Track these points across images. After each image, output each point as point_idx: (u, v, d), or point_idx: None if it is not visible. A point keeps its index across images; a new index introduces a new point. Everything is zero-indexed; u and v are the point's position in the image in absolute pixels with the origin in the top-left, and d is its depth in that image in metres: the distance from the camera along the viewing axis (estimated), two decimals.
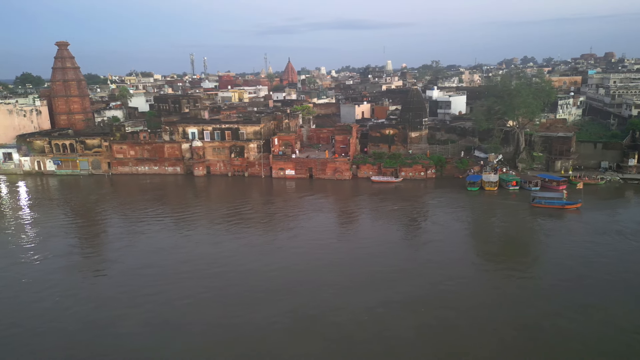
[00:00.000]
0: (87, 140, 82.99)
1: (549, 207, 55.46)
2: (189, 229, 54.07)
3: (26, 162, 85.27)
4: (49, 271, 43.37)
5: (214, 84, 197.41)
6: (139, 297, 37.45)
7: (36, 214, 62.68)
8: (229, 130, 78.62)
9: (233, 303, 36.05)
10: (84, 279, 42.21)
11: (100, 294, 38.69)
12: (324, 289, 37.86)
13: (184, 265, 43.38)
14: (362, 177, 73.66)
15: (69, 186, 77.66)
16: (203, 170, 79.70)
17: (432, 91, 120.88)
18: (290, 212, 60.38)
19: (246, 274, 41.24)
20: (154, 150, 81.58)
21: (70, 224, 58.42)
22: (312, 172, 74.60)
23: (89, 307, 36.21)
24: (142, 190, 74.32)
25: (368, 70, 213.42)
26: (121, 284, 40.05)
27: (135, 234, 53.18)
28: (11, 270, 43.87)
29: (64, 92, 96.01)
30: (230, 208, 62.38)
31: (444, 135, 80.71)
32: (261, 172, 78.03)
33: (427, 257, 44.40)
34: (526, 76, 76.85)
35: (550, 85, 73.78)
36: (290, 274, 40.85)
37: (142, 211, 61.79)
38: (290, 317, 33.87)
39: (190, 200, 68.84)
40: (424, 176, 71.15)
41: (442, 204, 60.38)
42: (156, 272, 42.33)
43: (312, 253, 45.58)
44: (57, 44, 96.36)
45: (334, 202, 64.85)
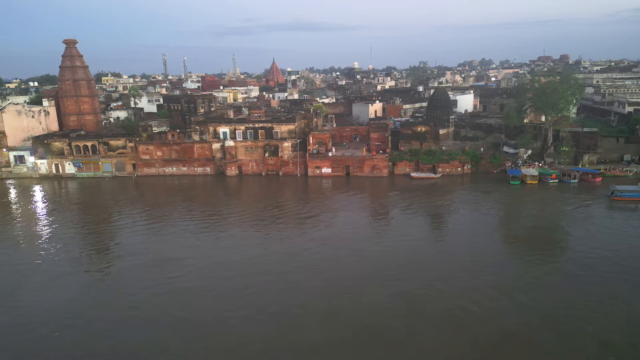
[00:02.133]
0: (110, 142, 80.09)
1: (629, 200, 56.44)
2: (242, 230, 53.34)
3: (43, 165, 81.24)
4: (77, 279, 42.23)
5: (197, 85, 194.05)
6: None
7: (68, 218, 60.26)
8: (262, 130, 78.11)
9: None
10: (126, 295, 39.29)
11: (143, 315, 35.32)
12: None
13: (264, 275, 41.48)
14: (399, 174, 75.13)
15: (94, 189, 74.86)
16: (235, 170, 78.76)
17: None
18: (345, 209, 60.93)
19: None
20: (182, 150, 79.80)
21: (108, 228, 56.43)
22: (349, 169, 75.35)
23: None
24: (175, 191, 72.62)
25: (354, 71, 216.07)
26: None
27: (182, 237, 51.44)
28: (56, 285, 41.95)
29: (74, 91, 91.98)
30: (277, 207, 62.26)
31: (469, 132, 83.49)
32: (296, 171, 78.02)
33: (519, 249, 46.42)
34: (553, 74, 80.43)
35: (579, 83, 77.88)
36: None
37: (184, 214, 60.55)
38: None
39: (230, 201, 68.22)
40: (461, 172, 73.45)
41: (495, 197, 62.72)
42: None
43: (386, 254, 46.28)
44: (65, 41, 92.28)
45: (384, 199, 65.84)
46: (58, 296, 38.30)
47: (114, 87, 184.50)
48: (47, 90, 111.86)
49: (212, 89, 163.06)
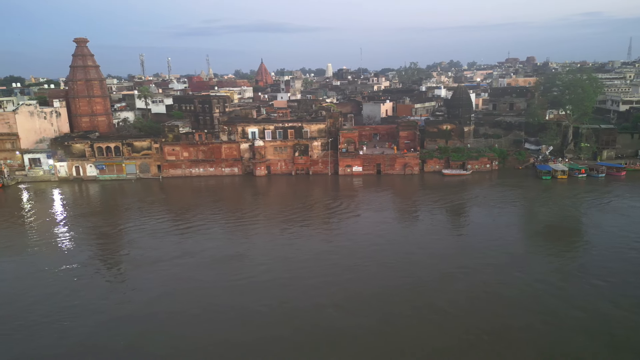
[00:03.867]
0: (135, 143, 78.13)
1: None
2: (282, 231, 53.28)
3: (62, 167, 78.38)
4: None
5: (184, 86, 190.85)
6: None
7: (111, 221, 58.78)
8: (292, 129, 78.10)
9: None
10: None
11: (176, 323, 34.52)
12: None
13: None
14: (429, 171, 76.74)
15: (122, 192, 72.94)
16: (264, 170, 78.41)
17: (440, 90, 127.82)
18: (389, 207, 61.96)
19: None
20: (210, 151, 78.76)
21: (153, 229, 55.36)
22: (380, 167, 76.37)
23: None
24: (208, 192, 71.80)
25: (342, 71, 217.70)
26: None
27: (234, 235, 52.04)
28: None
29: (86, 92, 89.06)
30: (323, 205, 62.79)
31: (488, 130, 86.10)
32: (325, 170, 78.43)
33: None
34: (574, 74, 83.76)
35: (599, 82, 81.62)
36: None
37: (226, 214, 60.36)
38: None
39: (269, 200, 68.24)
40: (489, 168, 75.76)
41: (531, 192, 65.05)
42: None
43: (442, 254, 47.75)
44: (76, 40, 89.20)
45: (427, 196, 66.80)
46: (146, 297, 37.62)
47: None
48: (54, 90, 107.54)
49: (200, 90, 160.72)
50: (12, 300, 37.78)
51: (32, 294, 38.71)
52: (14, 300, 37.74)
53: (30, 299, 37.93)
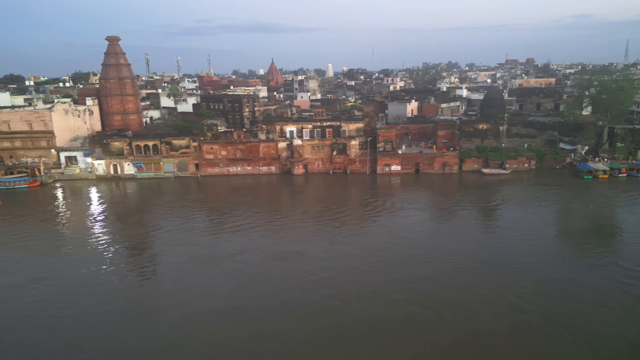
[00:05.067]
0: (173, 141, 78.04)
1: None
2: (328, 230, 53.67)
3: (100, 165, 78.12)
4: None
5: (194, 85, 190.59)
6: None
7: (166, 219, 58.70)
8: (330, 128, 78.33)
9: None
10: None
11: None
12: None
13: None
14: (467, 171, 77.19)
15: (160, 190, 72.92)
16: (302, 169, 78.55)
17: (461, 90, 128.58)
18: (446, 207, 62.33)
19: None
20: (248, 150, 78.82)
21: (204, 227, 55.58)
22: (418, 167, 76.75)
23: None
24: (249, 191, 71.72)
25: (353, 72, 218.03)
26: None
27: (288, 233, 52.30)
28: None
29: (119, 90, 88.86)
30: (362, 205, 63.10)
31: (521, 130, 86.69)
32: (363, 169, 78.71)
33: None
34: (611, 75, 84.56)
35: (635, 83, 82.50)
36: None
37: (265, 213, 60.32)
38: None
39: (308, 199, 68.39)
40: (527, 167, 76.32)
41: (575, 191, 65.65)
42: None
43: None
44: (108, 38, 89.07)
45: (472, 195, 66.98)
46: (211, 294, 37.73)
47: None
48: (84, 89, 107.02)
49: (212, 88, 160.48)
50: (83, 297, 37.80)
51: (106, 290, 38.80)
52: (86, 297, 37.77)
53: (104, 296, 38.00)
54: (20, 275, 41.69)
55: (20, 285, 39.69)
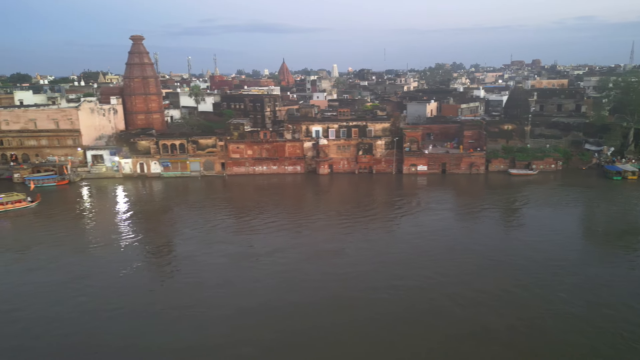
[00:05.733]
0: (200, 140, 78.24)
1: None
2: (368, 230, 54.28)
3: (127, 164, 78.38)
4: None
5: (205, 85, 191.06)
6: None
7: (202, 218, 58.92)
8: (356, 128, 78.42)
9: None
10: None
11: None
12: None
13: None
14: (494, 171, 77.13)
15: (188, 189, 73.21)
16: (327, 169, 78.63)
17: (479, 91, 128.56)
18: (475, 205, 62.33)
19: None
20: (273, 149, 78.97)
21: (241, 225, 55.73)
22: (445, 167, 76.74)
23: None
24: (273, 190, 71.83)
25: (364, 72, 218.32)
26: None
27: (322, 232, 52.52)
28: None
29: (143, 89, 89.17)
30: (395, 204, 63.21)
31: (544, 131, 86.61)
32: (389, 169, 78.74)
33: None
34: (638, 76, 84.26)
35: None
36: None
37: (295, 212, 60.63)
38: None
39: (337, 198, 68.36)
40: (554, 168, 76.23)
41: (606, 192, 65.54)
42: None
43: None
44: (132, 37, 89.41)
45: (502, 195, 66.80)
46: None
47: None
48: (107, 87, 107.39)
49: (228, 88, 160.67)
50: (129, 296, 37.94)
51: (150, 289, 38.94)
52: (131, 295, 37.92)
53: (150, 294, 38.10)
54: (60, 274, 41.70)
55: (64, 283, 39.72)
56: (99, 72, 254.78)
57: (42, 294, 37.63)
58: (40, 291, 38.17)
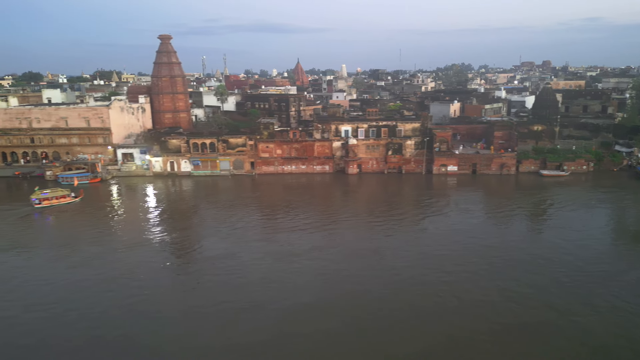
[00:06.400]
0: (230, 139, 78.55)
1: None
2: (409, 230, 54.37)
3: (157, 162, 78.83)
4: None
5: (218, 84, 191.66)
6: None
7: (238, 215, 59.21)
8: (385, 128, 78.40)
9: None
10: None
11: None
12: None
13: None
14: (524, 172, 76.82)
15: (219, 188, 73.65)
16: (356, 169, 78.68)
17: (500, 92, 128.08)
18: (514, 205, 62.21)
19: None
20: (302, 148, 79.13)
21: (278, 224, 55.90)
22: (475, 167, 76.54)
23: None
24: (303, 189, 72.30)
25: (378, 72, 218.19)
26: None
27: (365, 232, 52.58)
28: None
29: (171, 88, 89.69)
30: (429, 204, 63.12)
31: (572, 132, 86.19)
32: (418, 169, 78.65)
33: None
34: None
35: None
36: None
37: (327, 211, 60.77)
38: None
39: (368, 198, 68.41)
40: (585, 170, 75.81)
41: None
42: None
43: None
44: (161, 37, 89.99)
45: (536, 196, 66.41)
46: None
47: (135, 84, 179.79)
48: (134, 86, 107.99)
49: (248, 88, 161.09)
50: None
51: (198, 286, 39.15)
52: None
53: (199, 292, 38.37)
54: (104, 271, 42.01)
55: (112, 280, 40.11)
56: (112, 72, 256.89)
57: (93, 292, 37.88)
58: (90, 289, 38.45)
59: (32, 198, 60.54)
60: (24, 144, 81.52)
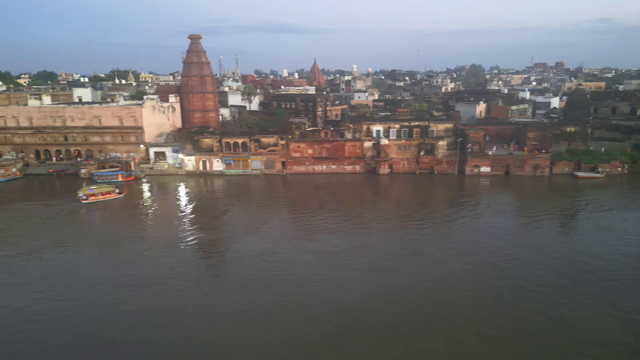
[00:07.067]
0: (262, 139, 78.83)
1: None
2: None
3: (190, 161, 79.32)
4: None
5: (237, 84, 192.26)
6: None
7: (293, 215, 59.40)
8: (417, 128, 78.24)
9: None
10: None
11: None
12: None
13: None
14: (558, 173, 76.24)
15: (252, 187, 73.88)
16: (387, 169, 78.59)
17: (524, 92, 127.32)
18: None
19: None
20: (333, 148, 79.20)
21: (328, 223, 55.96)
22: (508, 168, 76.13)
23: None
24: (336, 189, 72.23)
25: (395, 73, 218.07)
26: None
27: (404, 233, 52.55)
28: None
29: (200, 88, 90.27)
30: (464, 205, 62.85)
31: (604, 133, 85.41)
32: (450, 170, 78.37)
33: None
34: None
35: None
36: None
37: (362, 211, 60.92)
38: None
39: (403, 198, 68.10)
40: (620, 172, 75.09)
41: None
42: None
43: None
44: (191, 36, 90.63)
45: (575, 199, 66.03)
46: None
47: (155, 83, 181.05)
48: (163, 86, 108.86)
49: (271, 88, 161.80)
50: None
51: (251, 284, 39.34)
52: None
53: (251, 289, 38.58)
54: (152, 267, 42.52)
55: (165, 277, 40.44)
56: (128, 71, 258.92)
57: (142, 287, 38.43)
58: (139, 284, 38.97)
59: (80, 194, 61.52)
60: (58, 142, 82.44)
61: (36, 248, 46.92)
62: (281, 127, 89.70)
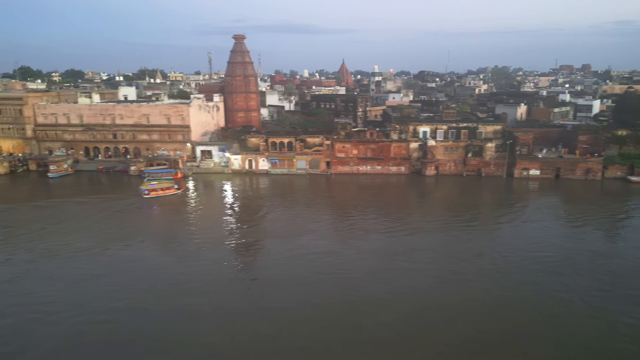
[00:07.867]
0: (307, 139, 79.09)
1: None
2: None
3: (236, 160, 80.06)
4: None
5: (266, 84, 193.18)
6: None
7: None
8: (465, 129, 77.50)
9: None
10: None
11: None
12: None
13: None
14: (610, 177, 74.61)
15: (298, 186, 74.04)
16: (433, 170, 78.01)
17: (565, 95, 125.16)
18: None
19: None
20: (379, 149, 78.98)
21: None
22: (559, 172, 74.82)
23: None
24: (382, 190, 71.73)
25: (424, 73, 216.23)
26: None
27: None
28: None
29: (244, 87, 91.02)
30: (521, 208, 61.90)
31: None
32: (498, 172, 77.37)
33: None
34: None
35: None
36: None
37: (414, 213, 60.83)
38: None
39: (455, 201, 66.94)
40: None
41: None
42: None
43: None
44: (235, 36, 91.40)
45: (628, 202, 65.00)
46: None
47: (186, 83, 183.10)
48: (206, 85, 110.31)
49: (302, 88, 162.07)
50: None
51: (309, 282, 39.42)
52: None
53: (313, 286, 38.64)
54: (209, 266, 42.75)
55: (230, 277, 40.93)
56: (156, 70, 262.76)
57: (205, 286, 38.58)
58: (200, 283, 39.13)
59: (142, 188, 63.07)
60: (107, 139, 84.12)
61: (105, 241, 48.12)
62: (321, 127, 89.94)
